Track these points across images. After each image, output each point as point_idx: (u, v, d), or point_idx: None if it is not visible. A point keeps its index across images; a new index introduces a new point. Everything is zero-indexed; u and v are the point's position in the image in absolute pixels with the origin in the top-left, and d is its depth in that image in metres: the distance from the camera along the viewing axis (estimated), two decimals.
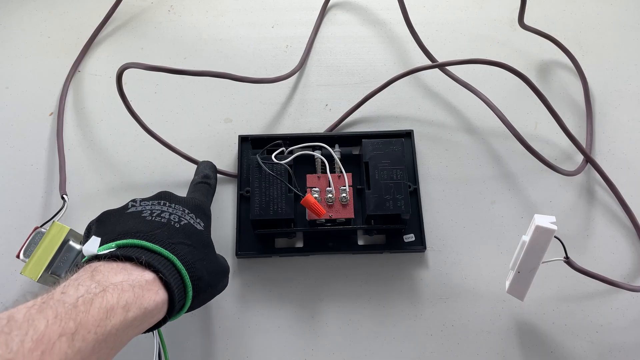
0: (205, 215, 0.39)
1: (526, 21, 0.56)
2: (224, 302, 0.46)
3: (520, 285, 0.40)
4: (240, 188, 0.49)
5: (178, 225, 0.35)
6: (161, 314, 0.32)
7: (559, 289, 0.46)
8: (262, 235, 0.47)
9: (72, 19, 0.61)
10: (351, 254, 0.48)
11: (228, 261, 0.47)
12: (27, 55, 0.58)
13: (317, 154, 0.49)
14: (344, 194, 0.46)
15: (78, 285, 0.28)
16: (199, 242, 0.36)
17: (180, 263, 0.33)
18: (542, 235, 0.38)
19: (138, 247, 0.33)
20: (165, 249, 0.33)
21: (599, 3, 0.61)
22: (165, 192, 0.39)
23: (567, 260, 0.41)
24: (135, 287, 0.30)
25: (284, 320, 0.45)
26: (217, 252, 0.48)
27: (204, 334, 0.45)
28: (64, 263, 0.42)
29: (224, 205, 0.50)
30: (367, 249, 0.47)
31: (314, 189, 0.46)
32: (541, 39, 0.57)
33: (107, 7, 0.60)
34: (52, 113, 0.55)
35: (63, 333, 0.25)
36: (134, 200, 0.37)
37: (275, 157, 0.46)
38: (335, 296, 0.46)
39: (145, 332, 0.32)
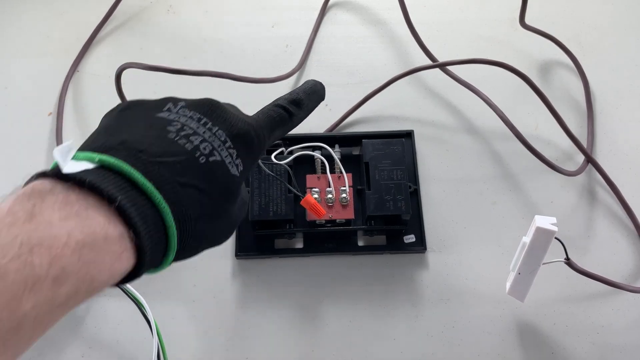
0: (252, 153, 0.27)
1: (527, 21, 0.56)
2: (224, 302, 0.46)
3: (520, 286, 0.40)
4: None
5: (203, 160, 0.25)
6: (115, 281, 0.23)
7: (560, 290, 0.46)
8: (262, 236, 0.47)
9: (72, 18, 0.61)
10: (351, 255, 0.47)
11: (227, 263, 0.48)
12: (27, 55, 0.58)
13: (317, 154, 0.48)
14: (344, 195, 0.46)
15: (3, 228, 0.19)
16: (222, 190, 0.26)
17: (171, 219, 0.23)
18: (543, 237, 0.37)
19: (124, 175, 0.22)
20: (161, 192, 0.23)
21: (599, 3, 0.61)
22: (216, 103, 0.28)
23: (568, 262, 0.41)
24: (84, 248, 0.20)
25: (284, 321, 0.45)
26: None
27: (204, 334, 0.45)
28: None
29: None
30: (368, 249, 0.47)
31: (313, 189, 0.46)
32: (542, 38, 0.57)
33: (107, 7, 0.60)
34: (51, 113, 0.55)
35: None
36: (173, 101, 0.27)
37: (275, 157, 0.46)
38: (336, 297, 0.46)
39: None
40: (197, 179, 0.24)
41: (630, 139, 0.52)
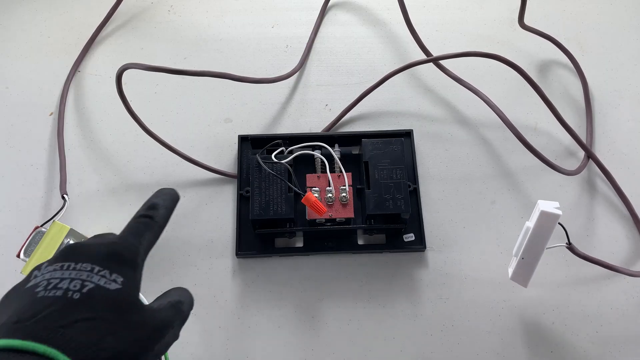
0: (127, 264, 0.29)
1: (526, 21, 0.56)
2: (224, 302, 0.46)
3: (524, 271, 0.39)
4: (240, 188, 0.49)
5: (78, 296, 0.27)
6: None
7: (559, 289, 0.46)
8: (262, 235, 0.47)
9: (72, 19, 0.61)
10: (351, 254, 0.48)
11: (228, 262, 0.48)
12: (27, 55, 0.58)
13: (317, 153, 0.49)
14: (344, 194, 0.46)
15: None
16: (111, 307, 0.27)
17: (63, 356, 0.24)
18: (547, 221, 0.37)
19: (6, 350, 0.24)
20: (46, 343, 0.24)
21: (599, 3, 0.61)
22: (73, 246, 0.30)
23: (570, 246, 0.41)
24: None
25: (284, 320, 0.45)
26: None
27: (204, 334, 0.45)
28: None
29: (224, 205, 0.50)
30: (367, 248, 0.47)
31: (314, 188, 0.46)
32: (541, 39, 0.57)
33: (107, 7, 0.60)
34: (52, 113, 0.55)
35: None
36: (38, 268, 0.29)
37: (275, 156, 0.46)
38: (335, 296, 0.46)
39: None
40: (79, 312, 0.26)
41: (629, 139, 0.53)
